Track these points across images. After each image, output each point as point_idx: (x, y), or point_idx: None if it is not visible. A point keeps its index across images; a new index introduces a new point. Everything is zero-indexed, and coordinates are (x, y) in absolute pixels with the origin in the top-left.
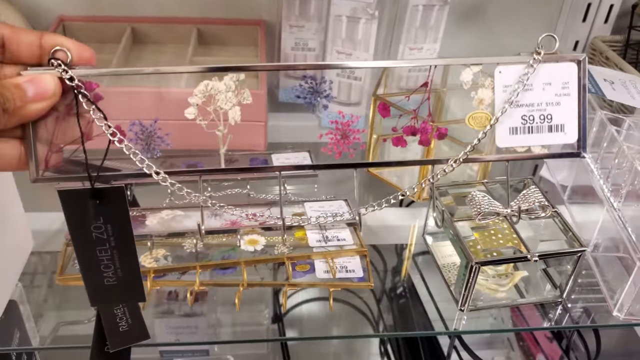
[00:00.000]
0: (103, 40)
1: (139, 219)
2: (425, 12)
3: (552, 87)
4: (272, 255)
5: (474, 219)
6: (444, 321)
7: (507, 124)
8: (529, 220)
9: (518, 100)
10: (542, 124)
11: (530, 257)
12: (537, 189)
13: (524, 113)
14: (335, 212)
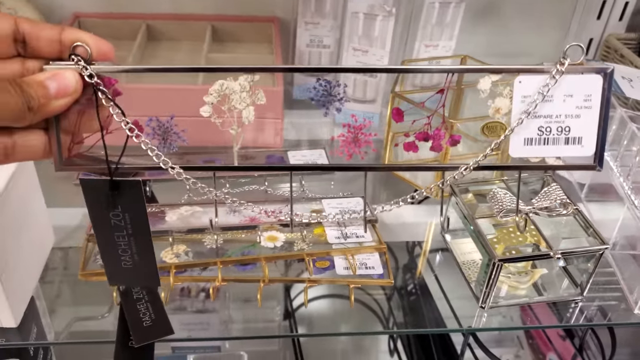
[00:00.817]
0: (118, 37)
1: (158, 215)
2: (441, 9)
3: (573, 99)
4: (291, 252)
5: (495, 216)
6: (460, 319)
7: (523, 134)
8: (550, 218)
9: (536, 112)
10: (559, 135)
11: (552, 254)
12: (558, 186)
13: (541, 124)
14: (352, 210)
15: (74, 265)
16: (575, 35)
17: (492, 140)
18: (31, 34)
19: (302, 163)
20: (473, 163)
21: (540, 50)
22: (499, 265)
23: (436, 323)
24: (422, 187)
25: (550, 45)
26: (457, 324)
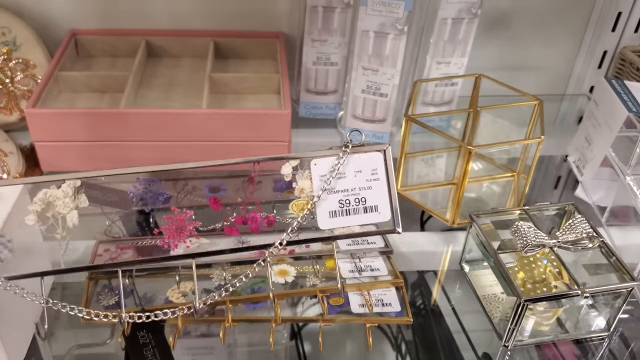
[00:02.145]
0: (116, 54)
1: (163, 248)
2: (454, 26)
3: (362, 174)
4: (303, 288)
5: (519, 252)
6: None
7: (326, 207)
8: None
9: (333, 187)
10: (357, 206)
11: (581, 293)
12: (584, 218)
13: (340, 198)
14: (365, 239)
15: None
16: (589, 48)
17: (299, 216)
18: None
19: None
20: (285, 236)
21: (552, 63)
22: (525, 305)
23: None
24: (432, 210)
25: (562, 58)
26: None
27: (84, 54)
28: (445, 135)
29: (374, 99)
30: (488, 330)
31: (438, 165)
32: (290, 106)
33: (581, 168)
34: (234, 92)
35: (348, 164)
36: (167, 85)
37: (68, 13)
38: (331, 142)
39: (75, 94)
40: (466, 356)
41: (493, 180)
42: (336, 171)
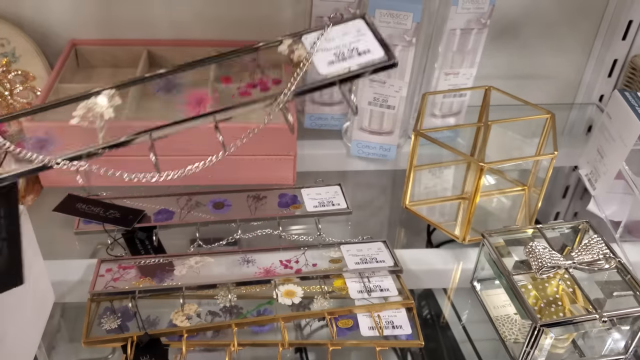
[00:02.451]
0: (118, 64)
1: (166, 268)
2: (462, 36)
3: (349, 35)
4: (311, 310)
5: (534, 273)
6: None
7: (324, 59)
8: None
9: (326, 47)
10: (351, 53)
11: (599, 317)
12: (600, 238)
13: (334, 52)
14: (374, 256)
15: (76, 328)
16: (599, 56)
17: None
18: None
19: (317, 202)
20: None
21: (561, 72)
22: (540, 330)
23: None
24: (441, 225)
25: (572, 67)
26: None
27: (84, 64)
28: (456, 150)
29: (381, 111)
30: (501, 352)
31: (445, 177)
32: (296, 119)
33: (593, 182)
34: None
35: (334, 32)
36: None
37: (68, 23)
38: (337, 154)
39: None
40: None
41: (503, 194)
42: (324, 34)
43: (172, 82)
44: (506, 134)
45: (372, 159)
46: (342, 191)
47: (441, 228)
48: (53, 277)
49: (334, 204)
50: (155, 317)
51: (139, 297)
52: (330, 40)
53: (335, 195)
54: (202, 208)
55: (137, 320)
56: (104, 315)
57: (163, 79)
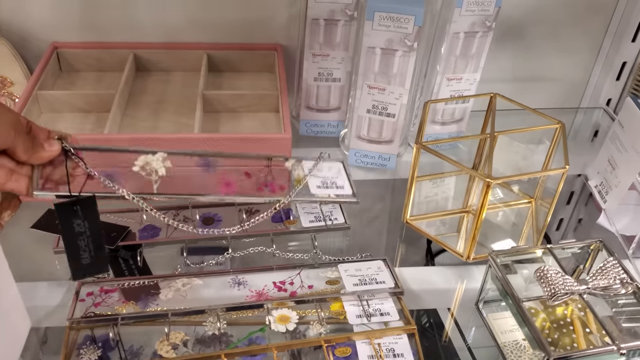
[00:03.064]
0: (103, 68)
1: (151, 291)
2: (466, 40)
3: (332, 171)
4: (306, 338)
5: (546, 301)
6: None
7: (313, 183)
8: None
9: (317, 174)
10: (332, 184)
11: (617, 349)
12: (616, 262)
13: (321, 180)
14: (373, 277)
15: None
16: (607, 58)
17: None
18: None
19: (313, 217)
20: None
21: (568, 75)
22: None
23: None
24: (441, 241)
25: (579, 69)
26: None
27: (67, 68)
28: (461, 165)
29: (381, 119)
30: None
31: (447, 186)
32: (290, 129)
33: (604, 194)
34: (229, 111)
35: (323, 165)
36: (156, 103)
37: (49, 25)
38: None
39: (57, 114)
40: None
41: (509, 206)
42: (315, 168)
43: (212, 163)
44: (510, 142)
45: (371, 168)
46: (345, 168)
47: (444, 245)
48: (30, 301)
49: (331, 219)
50: (138, 346)
51: (122, 324)
52: (319, 170)
53: (332, 209)
54: (191, 224)
55: (119, 351)
56: (84, 346)
57: (204, 158)
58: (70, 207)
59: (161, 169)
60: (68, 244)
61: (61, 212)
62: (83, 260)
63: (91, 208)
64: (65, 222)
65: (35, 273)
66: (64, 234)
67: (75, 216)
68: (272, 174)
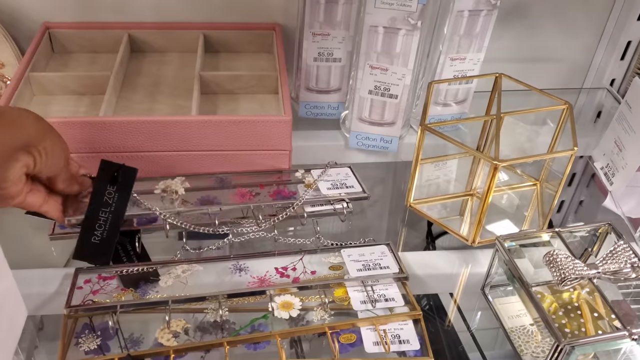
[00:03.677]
0: (96, 49)
1: (151, 278)
2: (470, 19)
3: (340, 175)
4: (310, 325)
5: (555, 285)
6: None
7: (324, 185)
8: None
9: (326, 179)
10: (342, 185)
11: (629, 335)
12: (627, 245)
13: (331, 183)
14: (377, 262)
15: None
16: (611, 37)
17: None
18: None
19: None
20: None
21: (571, 54)
22: (566, 349)
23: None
24: (444, 224)
25: (582, 49)
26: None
27: (59, 49)
28: (468, 147)
29: (383, 100)
30: None
31: (449, 168)
32: (290, 111)
33: (610, 176)
34: (226, 92)
35: (331, 171)
36: (152, 85)
37: (41, 5)
38: (334, 146)
39: (50, 96)
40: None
41: (513, 189)
42: (324, 174)
43: (226, 180)
44: (514, 123)
45: (372, 151)
46: (353, 172)
47: (448, 229)
48: (26, 289)
49: (347, 187)
50: (138, 335)
51: (121, 312)
52: (329, 176)
53: (346, 177)
54: (188, 205)
55: (119, 339)
56: (82, 334)
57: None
58: (112, 171)
59: (180, 189)
60: (90, 213)
61: (103, 172)
62: (93, 238)
63: (129, 181)
64: (101, 186)
65: (30, 260)
66: (92, 199)
67: (112, 183)
68: (283, 182)
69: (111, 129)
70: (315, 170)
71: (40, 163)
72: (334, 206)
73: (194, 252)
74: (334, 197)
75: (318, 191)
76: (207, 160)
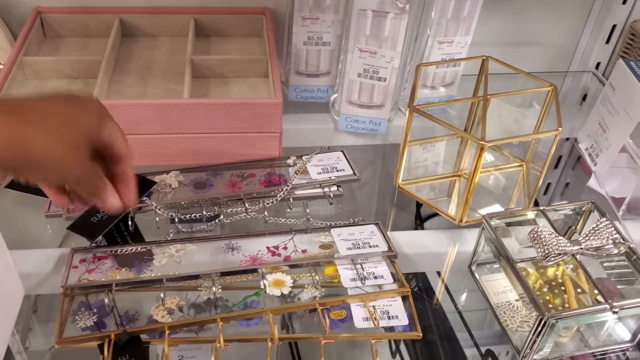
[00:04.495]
0: (88, 34)
1: (145, 257)
2: (458, 2)
3: (331, 160)
4: (301, 301)
5: (540, 261)
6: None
7: (314, 170)
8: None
9: (317, 164)
10: (332, 169)
11: (610, 308)
12: (609, 222)
13: (322, 167)
14: (367, 241)
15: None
16: (597, 21)
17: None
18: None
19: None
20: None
21: (556, 38)
22: (550, 322)
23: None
24: (432, 204)
25: (567, 32)
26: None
27: (51, 34)
28: (455, 128)
29: (372, 83)
30: (502, 341)
31: (437, 151)
32: (281, 94)
33: (594, 157)
34: (217, 76)
35: (323, 156)
36: (143, 69)
37: None
38: (324, 129)
39: (42, 80)
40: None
41: (499, 170)
42: (314, 156)
43: (220, 172)
44: (500, 105)
45: (361, 133)
46: (346, 156)
47: (436, 209)
48: (23, 268)
49: (338, 170)
50: (134, 312)
51: (116, 291)
52: (320, 161)
53: (338, 161)
54: (182, 188)
55: (115, 317)
56: (79, 312)
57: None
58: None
59: (174, 181)
60: None
61: None
62: (93, 219)
63: (143, 189)
64: None
65: (26, 240)
66: None
67: None
68: (274, 169)
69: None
70: (307, 156)
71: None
72: (323, 189)
73: (187, 232)
74: (324, 181)
75: (308, 176)
76: (198, 142)
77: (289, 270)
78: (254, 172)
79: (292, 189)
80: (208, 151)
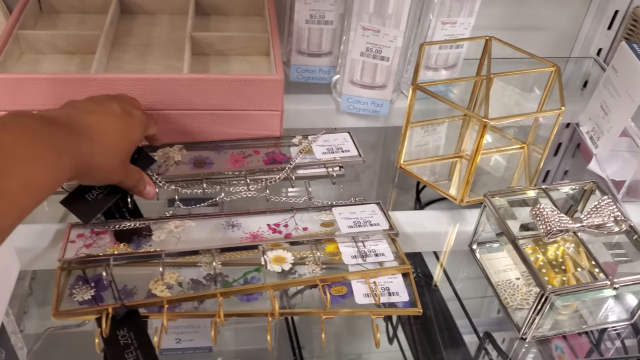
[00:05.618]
0: (85, 10)
1: (144, 233)
2: None
3: (337, 140)
4: (302, 277)
5: (542, 238)
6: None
7: (319, 150)
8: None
9: (322, 144)
10: (337, 150)
11: (610, 284)
12: (610, 200)
13: (327, 147)
14: (368, 219)
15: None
16: (599, 7)
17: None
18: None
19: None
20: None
21: (559, 23)
22: (550, 298)
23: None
24: (434, 184)
25: (570, 18)
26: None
27: (47, 9)
28: (458, 106)
29: (374, 62)
30: (503, 319)
31: (439, 133)
32: (282, 71)
33: (595, 140)
34: (218, 54)
35: (329, 136)
36: (143, 46)
37: None
38: (325, 110)
39: (39, 55)
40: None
41: (501, 152)
42: (320, 136)
43: (223, 149)
44: (503, 87)
45: (363, 115)
46: (352, 138)
47: (437, 189)
48: (19, 244)
49: (343, 151)
50: (132, 286)
51: (114, 265)
52: (325, 141)
53: (344, 142)
54: (182, 166)
55: (113, 291)
56: (76, 285)
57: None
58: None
59: (177, 156)
60: None
61: None
62: (88, 196)
63: (143, 166)
64: None
65: None
66: None
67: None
68: (278, 148)
69: (103, 86)
70: (313, 136)
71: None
72: (327, 169)
73: (186, 209)
74: (328, 162)
75: (313, 155)
76: (199, 119)
77: (290, 247)
78: (258, 149)
79: (295, 168)
80: (208, 128)
